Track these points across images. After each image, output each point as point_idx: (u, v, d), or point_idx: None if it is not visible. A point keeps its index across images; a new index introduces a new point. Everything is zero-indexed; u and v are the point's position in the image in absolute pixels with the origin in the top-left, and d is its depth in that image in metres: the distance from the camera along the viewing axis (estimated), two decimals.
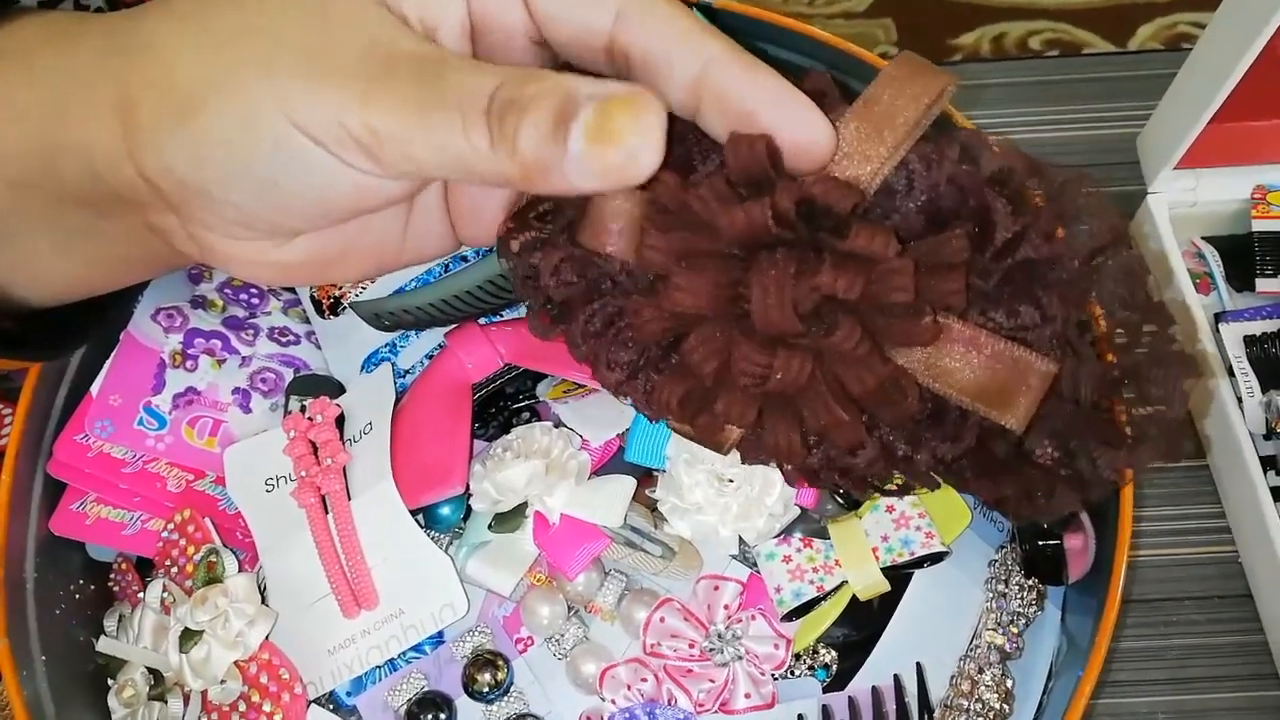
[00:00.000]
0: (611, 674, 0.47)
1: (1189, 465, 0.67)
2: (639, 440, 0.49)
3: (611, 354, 0.39)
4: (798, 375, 0.34)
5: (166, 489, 0.52)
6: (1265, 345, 0.64)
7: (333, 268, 0.39)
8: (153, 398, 0.52)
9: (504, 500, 0.48)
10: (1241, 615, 0.63)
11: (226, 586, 0.47)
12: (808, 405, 0.36)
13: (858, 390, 0.35)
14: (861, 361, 0.34)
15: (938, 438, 0.37)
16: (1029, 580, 0.51)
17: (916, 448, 0.37)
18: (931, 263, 0.33)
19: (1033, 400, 0.35)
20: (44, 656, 0.49)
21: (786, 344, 0.34)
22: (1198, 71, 0.66)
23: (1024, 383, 0.35)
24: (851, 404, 0.35)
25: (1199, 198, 0.71)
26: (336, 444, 0.49)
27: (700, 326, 0.35)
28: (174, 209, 0.36)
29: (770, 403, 0.36)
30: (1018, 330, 0.35)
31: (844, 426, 0.35)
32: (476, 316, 0.53)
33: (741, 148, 0.33)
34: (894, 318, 0.34)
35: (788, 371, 0.34)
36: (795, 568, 0.48)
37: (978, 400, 0.35)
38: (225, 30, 0.34)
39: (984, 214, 0.34)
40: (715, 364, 0.35)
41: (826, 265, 0.33)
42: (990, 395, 0.35)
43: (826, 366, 0.35)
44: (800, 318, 0.33)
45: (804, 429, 0.36)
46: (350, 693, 0.49)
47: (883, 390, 0.35)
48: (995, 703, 0.48)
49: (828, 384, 0.35)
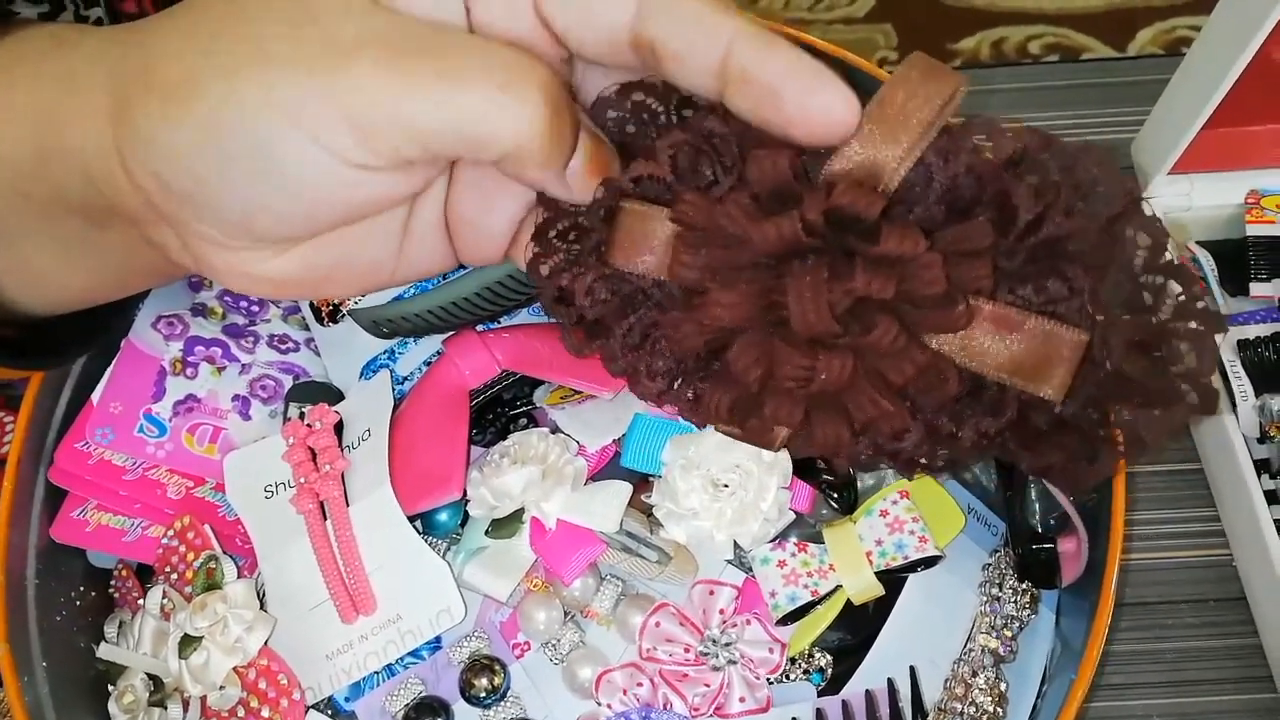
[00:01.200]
0: (607, 679, 0.47)
1: (1183, 469, 0.67)
2: (635, 446, 0.49)
3: (650, 365, 0.39)
4: (840, 374, 0.35)
5: (166, 496, 0.52)
6: (1259, 349, 0.65)
7: (325, 284, 0.39)
8: (153, 405, 0.52)
9: (501, 506, 0.48)
10: (1236, 618, 0.63)
11: (226, 593, 0.48)
12: (852, 400, 0.37)
13: (899, 380, 0.36)
14: (901, 353, 0.35)
15: (979, 413, 0.38)
16: (1023, 584, 0.51)
17: (960, 425, 0.38)
18: (958, 251, 0.34)
19: (1068, 370, 0.36)
20: (45, 662, 0.49)
21: (826, 345, 0.35)
22: (1192, 77, 0.67)
23: (1058, 354, 0.36)
24: (894, 394, 0.36)
25: (1193, 202, 0.71)
26: (335, 450, 0.50)
27: (741, 337, 0.36)
28: (165, 218, 0.35)
29: (816, 401, 0.37)
30: (1046, 304, 0.36)
31: (889, 416, 0.37)
32: (474, 323, 0.53)
33: (765, 164, 0.34)
34: (928, 309, 0.35)
35: (830, 371, 0.35)
36: (790, 572, 0.48)
37: (1015, 375, 0.36)
38: (213, 25, 0.33)
39: (1004, 199, 0.35)
40: (759, 371, 0.36)
41: (860, 269, 0.34)
42: (1026, 370, 0.36)
43: (867, 361, 0.36)
44: (837, 319, 0.34)
45: (851, 422, 0.37)
46: (348, 698, 0.49)
47: (923, 377, 0.36)
48: (989, 706, 0.49)
49: (869, 378, 0.36)
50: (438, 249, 0.40)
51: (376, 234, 0.38)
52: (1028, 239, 0.36)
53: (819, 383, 0.35)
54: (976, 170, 0.35)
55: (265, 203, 0.34)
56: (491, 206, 0.39)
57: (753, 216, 0.34)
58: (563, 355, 0.52)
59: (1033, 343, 0.36)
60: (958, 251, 0.34)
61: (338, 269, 0.38)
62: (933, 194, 0.35)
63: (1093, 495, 0.51)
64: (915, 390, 0.37)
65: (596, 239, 0.38)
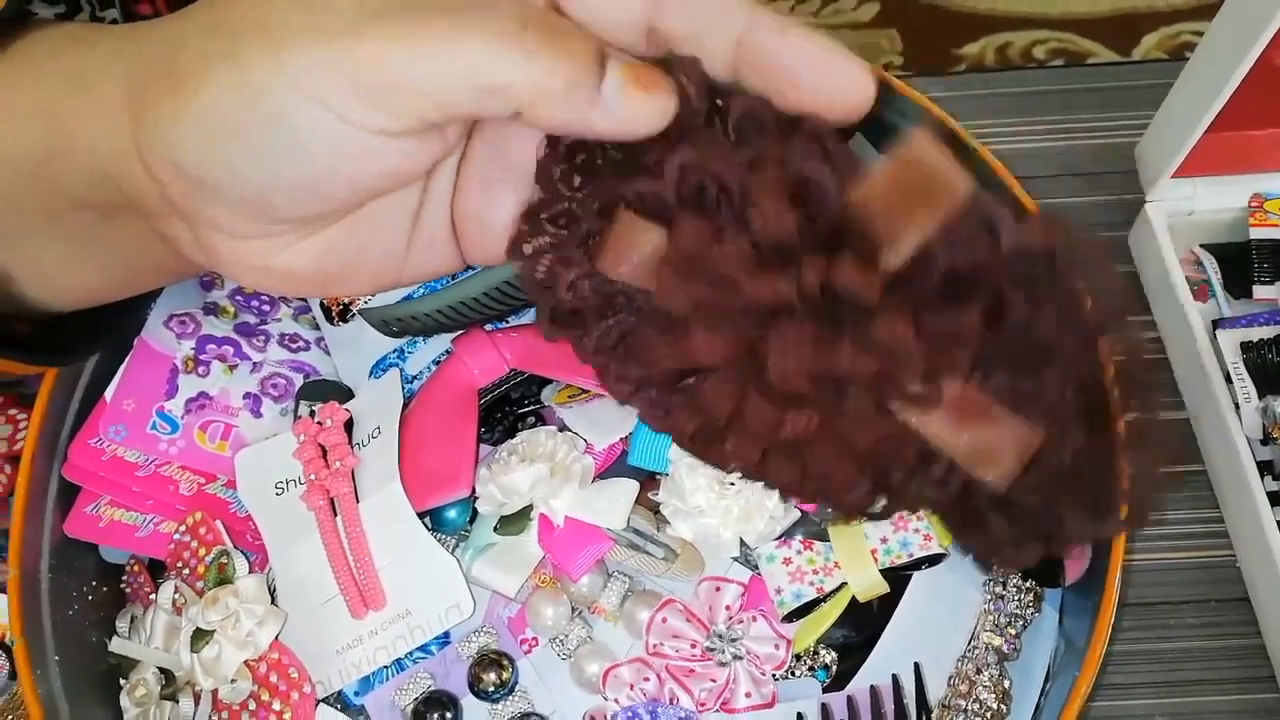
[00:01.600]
0: (615, 674, 0.48)
1: (1186, 470, 0.68)
2: (642, 444, 0.50)
3: (620, 369, 0.39)
4: (805, 430, 0.36)
5: (179, 492, 0.53)
6: (1262, 351, 0.65)
7: (335, 281, 0.39)
8: (165, 403, 0.53)
9: (509, 503, 0.48)
10: (1239, 619, 0.63)
11: (237, 587, 0.48)
12: (811, 454, 0.37)
13: (860, 445, 0.36)
14: (866, 421, 0.36)
15: (927, 482, 0.38)
16: (1026, 582, 0.51)
17: (906, 485, 0.38)
18: (941, 334, 0.34)
19: (1017, 464, 0.36)
20: (58, 656, 0.49)
21: (797, 402, 0.35)
22: (1195, 81, 0.67)
23: (1011, 448, 0.36)
24: (851, 456, 0.37)
25: (1197, 206, 0.71)
26: (345, 448, 0.50)
27: (716, 374, 0.36)
28: (180, 211, 0.35)
29: (776, 448, 0.37)
30: (1014, 398, 0.36)
31: (843, 473, 0.37)
32: (483, 323, 0.54)
33: (771, 218, 0.34)
34: (903, 394, 0.35)
35: (796, 427, 0.35)
36: (795, 570, 0.49)
37: (965, 458, 0.36)
38: (235, 14, 0.33)
39: (999, 293, 0.35)
40: (729, 409, 0.36)
41: (846, 348, 0.34)
42: (978, 454, 0.36)
43: (833, 422, 0.36)
44: (813, 382, 0.34)
45: (804, 469, 0.38)
46: (358, 692, 0.50)
47: (883, 446, 0.36)
48: (993, 703, 0.49)
49: (831, 438, 0.36)
50: (445, 248, 0.41)
51: (385, 229, 0.39)
52: (1013, 337, 0.35)
53: (784, 434, 0.36)
54: (978, 263, 0.34)
55: (281, 180, 0.34)
56: (496, 202, 0.39)
57: (750, 268, 0.34)
58: (570, 355, 0.52)
59: (990, 432, 0.36)
60: (941, 334, 0.34)
61: (348, 265, 0.38)
62: (928, 274, 0.35)
63: None
64: (872, 456, 0.37)
65: (586, 229, 0.38)
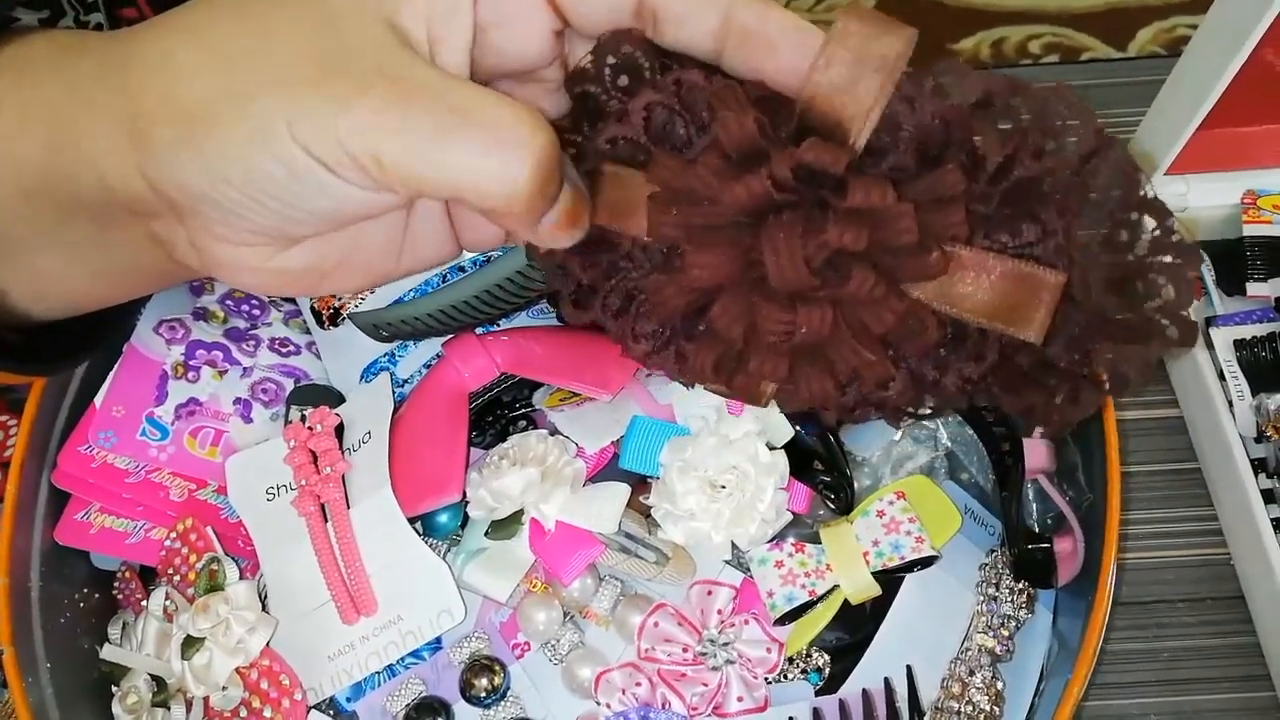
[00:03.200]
0: (606, 678, 0.48)
1: (1180, 468, 0.68)
2: (633, 448, 0.50)
3: (636, 329, 0.40)
4: (820, 326, 0.36)
5: (169, 498, 0.53)
6: (1255, 349, 0.65)
7: (333, 276, 0.40)
8: (155, 408, 0.53)
9: (500, 507, 0.48)
10: (1233, 617, 0.63)
11: (228, 594, 0.48)
12: (835, 352, 0.37)
13: (879, 329, 0.36)
14: (879, 302, 0.36)
15: (962, 359, 0.38)
16: (1019, 583, 0.51)
17: (944, 372, 0.39)
18: (930, 199, 0.35)
19: (1047, 311, 0.36)
20: (49, 664, 0.49)
21: (806, 299, 0.36)
22: (1187, 78, 0.67)
23: (1036, 296, 0.36)
24: (876, 343, 0.37)
25: (1190, 203, 0.71)
26: (336, 453, 0.50)
27: (722, 295, 0.36)
28: (184, 219, 0.36)
29: (800, 354, 0.38)
30: (1023, 247, 0.37)
31: (872, 365, 0.37)
32: (473, 326, 0.54)
33: (732, 126, 0.34)
34: (903, 257, 0.35)
35: (810, 324, 0.36)
36: (787, 572, 0.48)
37: (995, 319, 0.37)
38: (234, 47, 0.34)
39: (973, 144, 0.36)
40: (742, 327, 0.37)
41: (831, 222, 0.34)
42: (1005, 313, 0.37)
43: (847, 312, 0.36)
44: (814, 272, 0.35)
45: (835, 373, 0.38)
46: (350, 698, 0.49)
47: (904, 325, 0.36)
48: (986, 705, 0.49)
49: (851, 328, 0.37)
50: (442, 237, 0.42)
51: (382, 224, 0.40)
52: (999, 183, 0.36)
53: (801, 336, 0.36)
54: (944, 116, 0.35)
55: (286, 213, 0.35)
56: None
57: (723, 177, 0.35)
58: (561, 358, 0.53)
59: (1010, 286, 0.36)
60: (930, 199, 0.35)
61: (346, 261, 0.39)
62: (902, 143, 0.36)
63: (1089, 495, 0.52)
64: (897, 339, 0.37)
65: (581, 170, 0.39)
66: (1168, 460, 0.68)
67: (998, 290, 0.36)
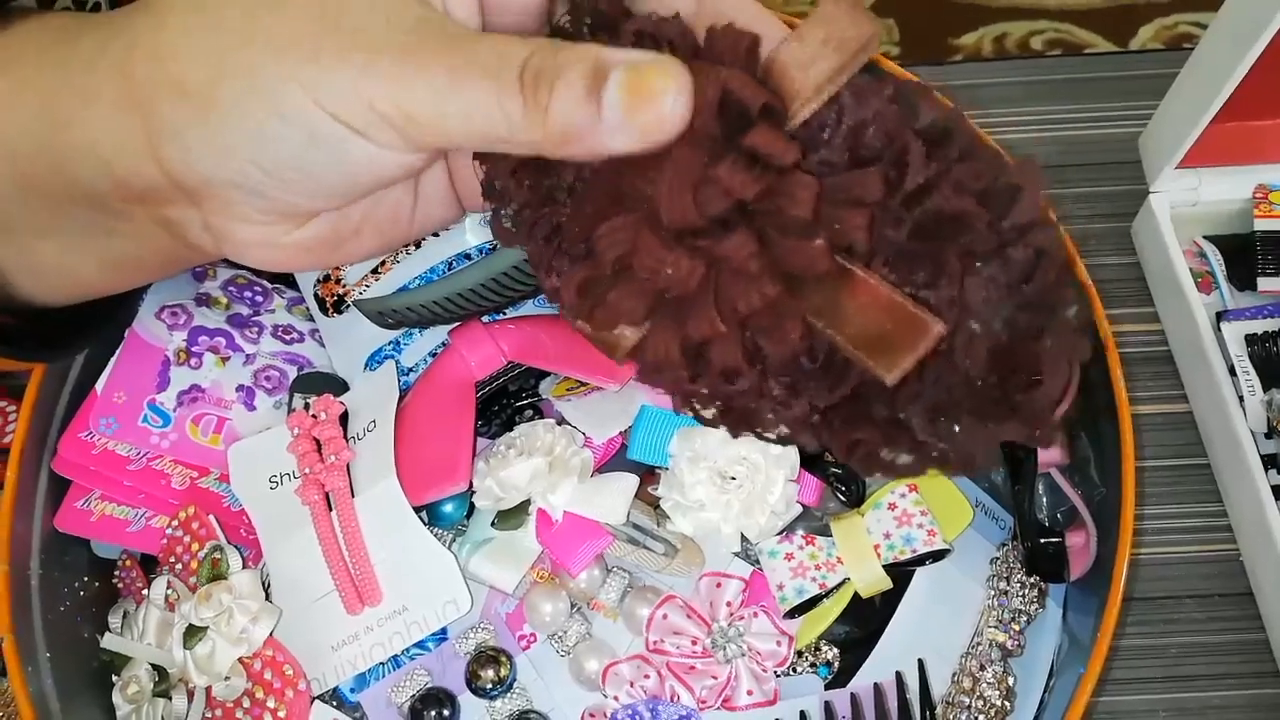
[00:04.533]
0: (614, 671, 0.47)
1: (1190, 464, 0.67)
2: (642, 438, 0.49)
3: (555, 263, 0.39)
4: (688, 277, 0.34)
5: (171, 486, 0.52)
6: (1266, 344, 0.64)
7: (346, 245, 0.40)
8: (157, 395, 0.52)
9: (507, 497, 0.48)
10: (1242, 613, 0.63)
11: (231, 583, 0.47)
12: (693, 313, 0.36)
13: (744, 308, 0.35)
14: (751, 279, 0.34)
15: (816, 383, 0.37)
16: (1030, 578, 0.51)
17: (795, 393, 0.37)
18: (842, 196, 0.34)
19: (915, 357, 0.35)
20: (49, 653, 0.49)
21: (686, 245, 0.34)
22: (1200, 71, 0.66)
23: (911, 338, 0.35)
24: (734, 323, 0.36)
25: (1201, 197, 0.71)
26: (340, 441, 0.49)
27: (614, 216, 0.35)
28: (197, 201, 0.36)
29: (660, 306, 0.36)
30: (917, 286, 0.35)
31: (722, 341, 0.36)
32: (480, 314, 0.53)
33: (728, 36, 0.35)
34: (789, 235, 0.34)
35: (679, 269, 0.34)
36: (797, 565, 0.48)
37: (861, 349, 0.35)
38: (235, 21, 0.34)
39: (902, 157, 0.35)
40: (618, 253, 0.35)
41: (726, 161, 0.33)
42: (875, 345, 0.35)
43: (720, 280, 0.35)
44: (700, 215, 0.34)
45: (685, 338, 0.36)
46: (354, 689, 0.49)
47: (767, 313, 0.35)
48: (997, 700, 0.49)
49: (716, 299, 0.35)
50: (447, 198, 0.42)
51: (395, 190, 0.40)
52: (914, 207, 0.35)
53: (665, 278, 0.35)
54: (885, 121, 0.35)
55: (303, 185, 0.35)
56: None
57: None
58: (569, 347, 0.52)
59: (890, 319, 0.35)
60: (841, 197, 0.34)
61: (359, 229, 0.39)
62: (839, 136, 0.35)
63: (1101, 489, 0.51)
64: (756, 328, 0.36)
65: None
66: (1177, 455, 0.68)
67: (875, 320, 0.35)
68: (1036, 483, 0.53)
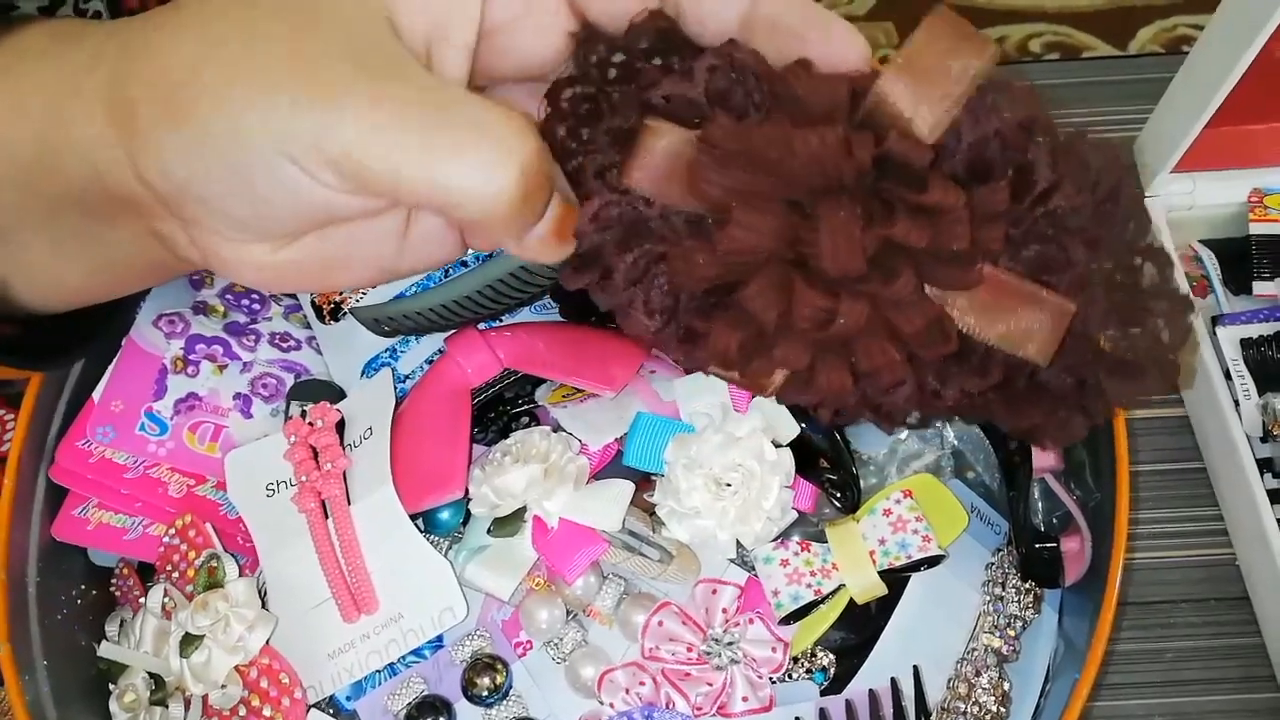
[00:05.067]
0: (610, 677, 0.47)
1: (1186, 468, 0.67)
2: (637, 445, 0.49)
3: (648, 299, 0.38)
4: (859, 319, 0.36)
5: (168, 494, 0.52)
6: (1262, 348, 0.64)
7: (333, 273, 0.39)
8: (154, 403, 0.52)
9: (503, 504, 0.48)
10: (1238, 618, 0.63)
11: (227, 591, 0.47)
12: (863, 347, 0.37)
13: (908, 331, 0.36)
14: (913, 305, 0.36)
15: (966, 373, 0.39)
16: (1026, 583, 0.51)
17: (945, 383, 0.39)
18: (980, 212, 0.35)
19: (1055, 338, 0.38)
20: (46, 661, 0.49)
21: (847, 289, 0.35)
22: (1195, 75, 0.66)
23: (1046, 321, 0.37)
24: (899, 345, 0.37)
25: (1196, 201, 0.71)
26: (337, 449, 0.50)
27: (761, 272, 0.36)
28: (175, 214, 0.36)
29: (824, 346, 0.37)
30: (1042, 273, 0.38)
31: (894, 367, 0.37)
32: (476, 322, 0.53)
33: (822, 86, 0.35)
34: (948, 265, 0.36)
35: (850, 316, 0.36)
36: (793, 571, 0.48)
37: (1004, 339, 0.38)
38: (222, 33, 0.33)
39: (1024, 165, 0.36)
40: (777, 311, 0.36)
41: (902, 216, 0.34)
42: (1016, 335, 0.38)
43: (879, 309, 0.36)
44: (867, 262, 0.35)
45: (853, 369, 0.37)
46: (350, 697, 0.49)
47: (929, 331, 0.37)
48: (992, 705, 0.49)
49: (880, 327, 0.37)
50: (443, 234, 0.40)
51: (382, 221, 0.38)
52: (1038, 208, 0.37)
53: (837, 327, 0.36)
54: (1001, 133, 0.36)
55: (267, 208, 0.34)
56: None
57: (797, 123, 0.34)
58: (565, 354, 0.52)
59: (1025, 308, 0.37)
60: (980, 213, 0.35)
61: (345, 259, 0.38)
62: (959, 153, 0.36)
63: (1096, 494, 0.51)
64: (918, 345, 0.37)
65: (600, 161, 0.38)
66: (1172, 460, 0.68)
67: (1013, 312, 0.37)
68: (1031, 488, 0.53)
